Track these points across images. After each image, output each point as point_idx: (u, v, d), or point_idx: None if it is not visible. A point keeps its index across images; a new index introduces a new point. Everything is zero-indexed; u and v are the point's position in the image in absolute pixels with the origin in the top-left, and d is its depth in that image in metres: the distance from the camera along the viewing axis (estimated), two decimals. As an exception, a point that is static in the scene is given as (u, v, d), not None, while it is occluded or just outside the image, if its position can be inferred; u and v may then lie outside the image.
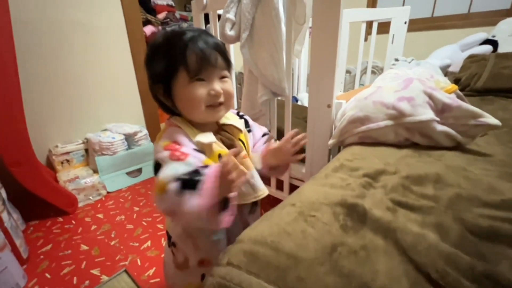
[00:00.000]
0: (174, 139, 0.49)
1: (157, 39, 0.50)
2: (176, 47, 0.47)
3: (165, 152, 0.46)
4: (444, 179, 0.52)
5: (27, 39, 1.35)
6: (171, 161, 0.45)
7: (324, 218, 0.40)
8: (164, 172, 0.44)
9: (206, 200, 0.40)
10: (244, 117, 0.64)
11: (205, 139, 0.50)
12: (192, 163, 0.46)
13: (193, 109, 0.50)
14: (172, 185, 0.42)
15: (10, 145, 1.08)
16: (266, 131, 0.69)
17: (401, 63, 1.28)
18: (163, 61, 0.48)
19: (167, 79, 0.49)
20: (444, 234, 0.37)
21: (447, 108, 0.68)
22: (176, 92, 0.50)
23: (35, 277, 0.96)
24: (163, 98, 0.52)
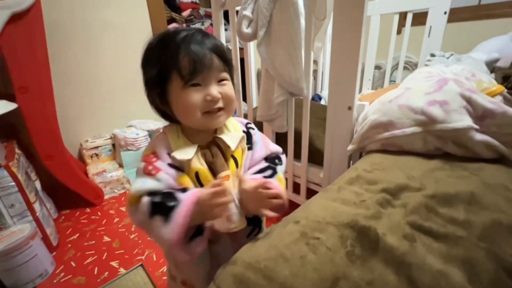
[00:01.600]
0: (155, 149, 0.47)
1: (150, 43, 0.47)
2: (169, 50, 0.44)
3: (142, 164, 0.46)
4: (479, 199, 0.45)
5: (60, 39, 1.43)
6: (143, 174, 0.44)
7: (329, 242, 0.36)
8: (134, 184, 0.44)
9: (176, 230, 0.39)
10: (250, 130, 0.55)
11: (180, 155, 0.45)
12: (162, 179, 0.44)
13: (188, 116, 0.46)
14: (143, 201, 0.41)
15: (43, 140, 1.16)
16: (274, 152, 0.56)
17: (438, 59, 1.15)
18: (157, 65, 0.45)
19: (161, 84, 0.46)
20: (473, 274, 0.31)
21: (489, 115, 0.58)
22: (171, 99, 0.46)
23: (62, 264, 1.03)
24: (161, 104, 0.48)
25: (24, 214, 0.98)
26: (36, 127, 1.13)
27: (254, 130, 0.56)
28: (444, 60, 1.14)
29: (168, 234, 0.39)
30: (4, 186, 0.92)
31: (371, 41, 1.67)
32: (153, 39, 0.47)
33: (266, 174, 0.51)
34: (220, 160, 0.48)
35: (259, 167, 0.53)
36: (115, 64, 1.66)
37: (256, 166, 0.53)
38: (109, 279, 0.95)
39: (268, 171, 0.51)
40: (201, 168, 0.47)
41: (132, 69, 1.73)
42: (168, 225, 0.39)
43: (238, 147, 0.50)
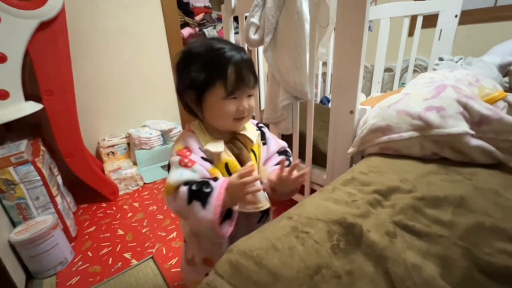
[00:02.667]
0: (187, 144, 0.54)
1: (195, 47, 0.52)
2: (218, 64, 0.50)
3: (176, 157, 0.51)
4: (468, 203, 0.47)
5: (82, 45, 1.53)
6: (179, 167, 0.50)
7: (317, 236, 0.39)
8: (171, 176, 0.50)
9: (212, 212, 0.46)
10: (262, 129, 0.65)
11: (213, 148, 0.53)
12: (197, 170, 0.50)
13: (221, 121, 0.54)
14: (181, 190, 0.48)
15: (65, 139, 1.25)
16: (283, 146, 0.68)
17: (446, 63, 1.15)
18: (202, 72, 0.50)
19: (202, 89, 0.51)
20: (447, 270, 0.34)
21: (485, 121, 0.60)
22: (208, 103, 0.52)
23: (80, 254, 1.11)
24: (192, 103, 0.55)
25: (47, 206, 1.07)
26: (58, 127, 1.22)
27: (264, 128, 0.66)
28: (452, 64, 1.14)
29: (207, 215, 0.46)
30: (31, 180, 1.00)
31: (381, 44, 1.67)
32: (197, 47, 0.52)
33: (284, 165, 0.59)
34: (245, 152, 0.57)
35: (277, 160, 0.63)
36: (131, 68, 1.75)
37: (273, 160, 0.64)
38: (122, 269, 1.02)
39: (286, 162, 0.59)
40: (230, 159, 0.55)
41: (146, 73, 1.82)
42: (206, 209, 0.46)
43: (256, 143, 0.60)
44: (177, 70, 0.54)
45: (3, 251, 0.88)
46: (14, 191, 0.97)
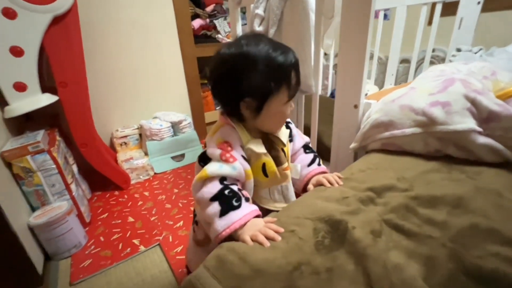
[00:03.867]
0: (227, 139, 0.52)
1: (250, 52, 0.48)
2: (282, 70, 0.49)
3: (217, 150, 0.50)
4: (467, 204, 0.45)
5: (95, 37, 1.57)
6: (220, 160, 0.49)
7: (302, 233, 0.39)
8: (211, 166, 0.49)
9: (224, 227, 0.44)
10: (290, 125, 0.66)
11: (257, 148, 0.53)
12: (237, 168, 0.49)
13: (275, 125, 0.56)
14: (214, 183, 0.47)
15: (79, 130, 1.31)
16: (307, 141, 0.69)
17: (463, 54, 1.08)
18: (268, 79, 0.48)
19: (267, 96, 0.50)
20: (432, 271, 0.33)
21: (494, 117, 0.56)
22: (271, 109, 0.51)
23: (93, 238, 1.18)
24: (248, 110, 0.51)
25: (63, 193, 1.13)
26: (73, 118, 1.27)
27: (291, 124, 0.67)
28: (470, 55, 1.07)
29: (218, 226, 0.44)
30: (47, 168, 1.07)
31: (396, 34, 1.59)
32: (252, 50, 0.48)
33: (317, 163, 0.64)
34: (281, 154, 0.58)
35: (309, 159, 0.64)
36: (142, 60, 1.78)
37: (306, 157, 0.65)
38: (130, 254, 1.07)
39: (317, 160, 0.65)
40: (268, 160, 0.55)
41: (157, 64, 1.84)
42: (222, 219, 0.44)
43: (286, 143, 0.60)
44: (225, 77, 0.50)
45: (23, 233, 0.95)
46: (32, 178, 1.04)
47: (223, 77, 0.51)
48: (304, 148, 0.68)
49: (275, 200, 0.59)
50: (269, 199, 0.60)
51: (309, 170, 0.63)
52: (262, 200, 0.59)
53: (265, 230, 0.42)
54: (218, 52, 0.51)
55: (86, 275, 0.99)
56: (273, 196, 0.60)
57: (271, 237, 0.40)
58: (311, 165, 0.63)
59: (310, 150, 0.68)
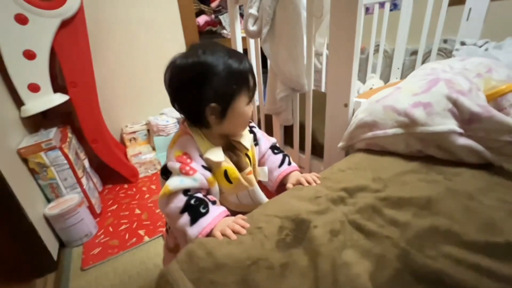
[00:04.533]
0: (186, 150, 0.53)
1: (204, 61, 0.49)
2: (241, 73, 0.52)
3: (176, 164, 0.51)
4: (434, 205, 0.47)
5: (103, 36, 1.64)
6: (180, 174, 0.50)
7: (267, 231, 0.43)
8: (172, 181, 0.50)
9: (196, 233, 0.47)
10: (253, 129, 0.66)
11: (215, 157, 0.53)
12: (198, 179, 0.51)
13: (239, 128, 0.58)
14: (179, 198, 0.49)
15: (89, 127, 1.39)
16: (273, 142, 0.70)
17: (467, 48, 1.04)
18: (230, 83, 0.51)
19: (230, 100, 0.52)
20: (380, 270, 0.35)
21: (475, 119, 0.56)
22: (235, 112, 0.53)
23: (103, 229, 1.27)
24: (213, 115, 0.52)
25: (74, 186, 1.22)
26: (83, 115, 1.35)
27: (255, 128, 0.67)
28: (474, 49, 1.03)
29: (191, 232, 0.47)
30: (59, 164, 1.15)
31: (402, 26, 1.55)
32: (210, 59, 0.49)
33: (286, 162, 0.65)
34: (244, 159, 0.59)
35: (278, 159, 0.66)
36: (149, 57, 1.83)
37: (275, 158, 0.66)
38: (135, 244, 1.15)
39: (287, 159, 0.66)
40: (229, 166, 0.56)
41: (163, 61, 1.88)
42: (193, 227, 0.47)
43: (250, 148, 0.61)
44: (186, 85, 0.51)
45: (39, 222, 1.04)
46: (46, 173, 1.13)
47: (184, 86, 0.51)
48: (272, 149, 0.68)
49: (244, 204, 0.61)
50: (239, 203, 0.61)
51: (280, 171, 0.64)
52: (231, 204, 0.61)
53: (232, 225, 0.45)
54: (173, 62, 0.52)
55: (96, 261, 1.07)
56: (241, 200, 0.61)
57: (237, 231, 0.44)
58: (281, 166, 0.65)
59: (279, 150, 0.68)
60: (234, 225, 0.45)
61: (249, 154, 0.61)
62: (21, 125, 1.20)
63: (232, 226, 0.45)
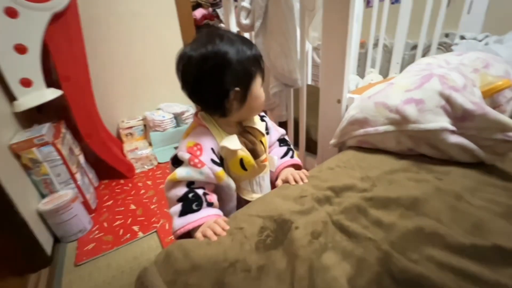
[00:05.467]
0: (199, 141, 0.54)
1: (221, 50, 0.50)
2: (254, 57, 0.53)
3: (186, 155, 0.52)
4: (421, 206, 0.45)
5: (98, 31, 1.61)
6: (188, 165, 0.52)
7: (248, 231, 0.42)
8: (180, 170, 0.52)
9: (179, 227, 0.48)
10: (265, 119, 0.66)
11: (231, 145, 0.53)
12: (205, 173, 0.51)
13: (258, 110, 0.59)
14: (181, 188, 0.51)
15: (83, 122, 1.38)
16: (282, 134, 0.71)
17: (466, 42, 1.01)
18: (246, 67, 0.52)
19: (249, 82, 0.53)
20: (359, 273, 0.34)
21: (468, 116, 0.54)
22: (253, 95, 0.54)
23: (97, 224, 1.27)
24: (236, 100, 0.53)
25: (68, 182, 1.22)
26: (77, 110, 1.34)
27: (266, 117, 0.67)
28: (473, 44, 1.01)
29: (176, 223, 0.50)
30: (52, 159, 1.15)
31: (401, 19, 1.51)
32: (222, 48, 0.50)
33: (289, 156, 0.65)
34: (259, 146, 0.58)
35: (282, 151, 0.66)
36: (145, 52, 1.81)
37: (279, 150, 0.67)
38: (130, 239, 1.15)
39: (290, 153, 0.66)
40: (245, 155, 0.55)
41: (159, 56, 1.87)
42: (181, 218, 0.49)
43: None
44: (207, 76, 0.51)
45: (33, 218, 1.04)
46: (39, 168, 1.12)
47: (206, 76, 0.51)
48: (279, 142, 0.69)
49: (253, 191, 0.62)
50: (249, 190, 0.62)
51: (281, 162, 0.64)
52: (243, 191, 0.61)
53: (213, 226, 0.45)
54: (185, 54, 0.52)
55: (89, 257, 1.08)
56: (252, 187, 0.62)
57: (218, 233, 0.44)
58: (283, 158, 0.65)
59: (285, 143, 0.69)
60: (215, 226, 0.45)
61: (263, 141, 0.61)
62: (14, 120, 1.19)
63: (212, 227, 0.45)
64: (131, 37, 1.74)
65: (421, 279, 0.33)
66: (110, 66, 1.73)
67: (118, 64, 1.75)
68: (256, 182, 0.61)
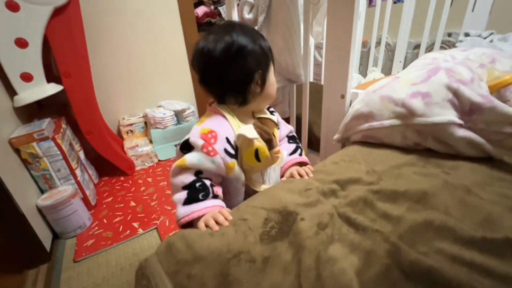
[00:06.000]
0: (214, 128, 0.52)
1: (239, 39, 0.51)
2: (265, 44, 0.54)
3: (200, 141, 0.50)
4: (430, 199, 0.44)
5: (100, 28, 1.61)
6: (200, 152, 0.50)
7: (252, 223, 0.41)
8: (191, 156, 0.50)
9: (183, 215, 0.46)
10: (275, 113, 0.65)
11: (249, 134, 0.52)
12: (216, 162, 0.50)
13: (272, 98, 0.59)
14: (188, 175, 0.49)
15: (84, 118, 1.37)
16: (291, 130, 0.70)
17: (471, 39, 1.01)
18: (263, 52, 0.54)
19: (267, 65, 0.55)
20: (367, 265, 0.33)
21: (476, 109, 0.53)
22: (270, 78, 0.56)
23: (97, 220, 1.26)
24: (257, 84, 0.54)
25: (68, 177, 1.21)
26: (78, 106, 1.33)
27: (275, 112, 0.66)
28: (479, 40, 1.00)
29: (180, 211, 0.47)
30: (52, 154, 1.14)
31: (405, 18, 1.51)
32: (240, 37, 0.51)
33: (298, 153, 0.65)
34: (275, 137, 0.58)
35: (291, 148, 0.66)
36: (146, 49, 1.80)
37: (289, 146, 0.66)
38: (129, 236, 1.14)
39: (299, 150, 0.66)
40: (261, 145, 0.54)
41: (161, 53, 1.86)
42: (185, 207, 0.47)
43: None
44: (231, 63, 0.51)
45: (32, 213, 1.03)
46: (39, 163, 1.11)
47: (229, 65, 0.51)
48: (289, 138, 0.68)
49: (264, 182, 0.61)
50: (260, 182, 0.61)
51: (289, 158, 0.63)
52: (254, 183, 0.60)
53: (216, 216, 0.44)
54: (203, 50, 0.52)
55: (89, 253, 1.07)
56: (263, 178, 0.61)
57: (220, 222, 0.43)
58: (292, 155, 0.64)
59: (294, 140, 0.68)
60: (218, 215, 0.44)
61: (275, 133, 0.60)
62: (14, 115, 1.18)
63: (216, 216, 0.44)
64: (133, 34, 1.73)
65: (432, 271, 0.31)
66: (112, 63, 1.72)
67: (119, 60, 1.74)
68: (267, 173, 0.61)
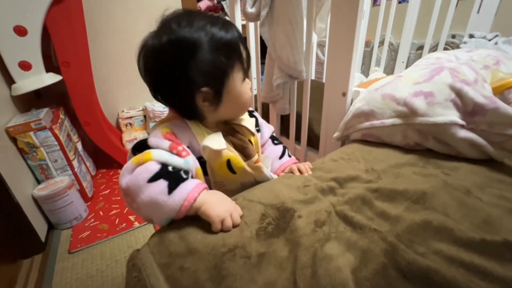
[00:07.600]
0: (175, 131, 0.44)
1: (186, 35, 0.40)
2: (230, 43, 0.42)
3: (165, 141, 0.41)
4: (428, 199, 0.44)
5: (101, 18, 1.59)
6: (169, 150, 0.40)
7: (249, 218, 0.40)
8: (158, 152, 0.39)
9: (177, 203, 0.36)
10: (254, 114, 0.59)
11: (215, 145, 0.43)
12: (190, 164, 0.41)
13: (242, 110, 0.49)
14: (150, 164, 0.38)
15: (82, 109, 1.36)
16: (273, 130, 0.66)
17: (476, 41, 1.00)
18: (219, 58, 0.41)
19: (223, 79, 0.42)
20: (364, 264, 0.33)
21: (479, 110, 0.52)
22: (231, 93, 0.44)
23: (93, 212, 1.25)
24: (206, 102, 0.43)
25: (65, 168, 1.20)
26: (76, 97, 1.32)
27: (255, 113, 0.60)
28: (483, 42, 0.99)
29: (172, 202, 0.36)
30: (49, 144, 1.13)
31: (409, 18, 1.49)
32: (187, 31, 0.40)
33: (287, 154, 0.61)
34: (250, 145, 0.50)
35: (279, 150, 0.61)
36: (148, 41, 1.78)
37: (276, 149, 0.62)
38: (125, 229, 1.13)
39: (286, 151, 0.62)
40: (233, 155, 0.46)
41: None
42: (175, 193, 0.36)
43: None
44: (167, 71, 0.41)
45: (27, 203, 1.03)
46: (36, 153, 1.10)
47: (164, 72, 0.41)
48: (272, 139, 0.64)
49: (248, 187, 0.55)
50: (242, 188, 0.52)
51: (281, 163, 0.60)
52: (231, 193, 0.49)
53: (236, 218, 0.38)
54: (145, 44, 0.43)
55: (84, 245, 1.06)
56: (246, 187, 0.51)
57: (236, 225, 0.38)
58: (282, 157, 0.61)
59: (278, 141, 0.65)
60: (238, 218, 0.38)
61: (252, 140, 0.52)
62: (11, 104, 1.17)
63: (236, 218, 0.38)
64: (135, 26, 1.71)
65: (429, 272, 0.31)
66: (111, 55, 1.70)
67: (119, 53, 1.72)
68: (252, 184, 0.51)
